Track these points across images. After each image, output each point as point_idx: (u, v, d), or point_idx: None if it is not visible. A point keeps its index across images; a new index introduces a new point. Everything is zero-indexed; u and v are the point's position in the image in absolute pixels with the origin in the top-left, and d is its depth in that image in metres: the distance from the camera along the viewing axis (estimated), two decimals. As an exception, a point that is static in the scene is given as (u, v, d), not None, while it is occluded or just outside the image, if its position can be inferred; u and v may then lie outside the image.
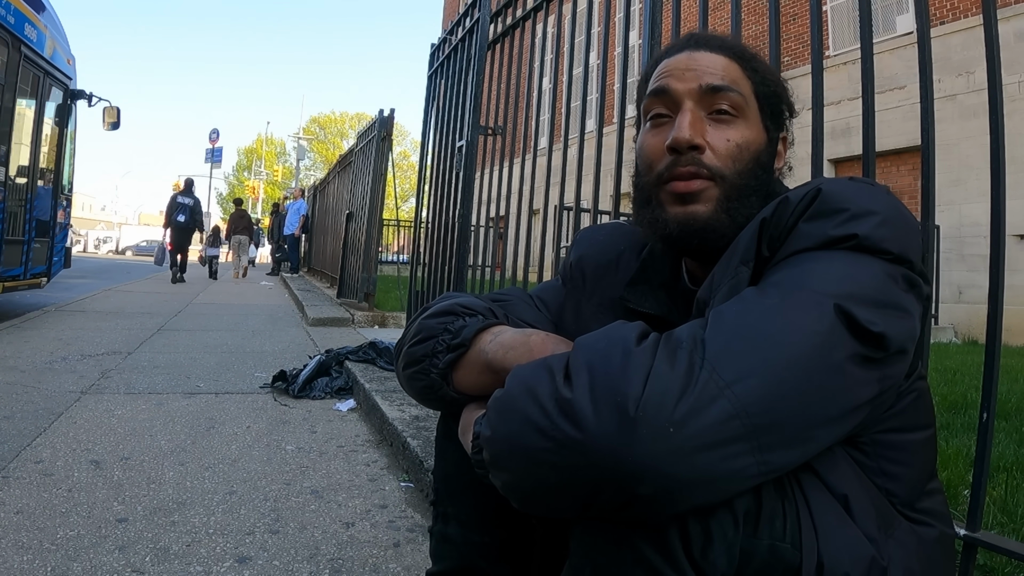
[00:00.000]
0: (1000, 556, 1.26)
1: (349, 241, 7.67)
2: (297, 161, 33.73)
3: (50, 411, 2.71)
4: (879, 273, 0.64)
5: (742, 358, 0.56)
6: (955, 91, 7.47)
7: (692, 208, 0.79)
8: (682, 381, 0.55)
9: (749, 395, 0.55)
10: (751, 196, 0.79)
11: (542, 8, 2.62)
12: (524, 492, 0.60)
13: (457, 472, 0.90)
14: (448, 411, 0.89)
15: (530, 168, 2.63)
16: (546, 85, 3.14)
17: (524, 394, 0.59)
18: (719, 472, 0.54)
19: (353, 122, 41.85)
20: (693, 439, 0.53)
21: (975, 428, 1.19)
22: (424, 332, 0.86)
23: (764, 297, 0.62)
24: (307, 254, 13.79)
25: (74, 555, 1.53)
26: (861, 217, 0.66)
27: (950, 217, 7.33)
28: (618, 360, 0.57)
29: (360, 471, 2.25)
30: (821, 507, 0.64)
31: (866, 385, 0.61)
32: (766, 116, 0.84)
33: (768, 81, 0.84)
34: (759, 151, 0.81)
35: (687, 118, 0.79)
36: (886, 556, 0.64)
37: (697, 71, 0.81)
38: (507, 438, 0.59)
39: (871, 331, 0.60)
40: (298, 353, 4.48)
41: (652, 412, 0.53)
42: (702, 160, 0.79)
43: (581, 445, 0.55)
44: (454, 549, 0.91)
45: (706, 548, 0.59)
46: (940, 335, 6.96)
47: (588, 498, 0.57)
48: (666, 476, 0.53)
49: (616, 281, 0.94)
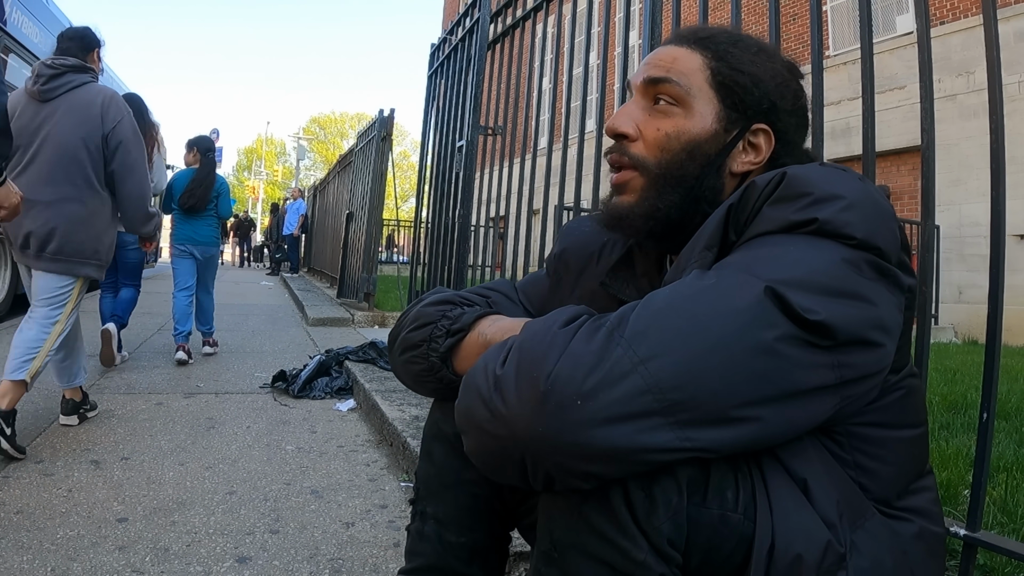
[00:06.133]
0: (1000, 556, 1.26)
1: (349, 241, 7.67)
2: (297, 161, 33.77)
3: (50, 411, 2.70)
4: (836, 260, 0.62)
5: (660, 335, 0.57)
6: (955, 91, 7.47)
7: (617, 199, 0.83)
8: (595, 357, 0.57)
9: (663, 371, 0.56)
10: (678, 187, 0.79)
11: (542, 8, 2.62)
12: (479, 459, 0.64)
13: (440, 473, 0.92)
14: (443, 396, 0.91)
15: (530, 168, 2.63)
16: (546, 85, 3.14)
17: (481, 369, 0.64)
18: (635, 444, 0.56)
19: (353, 122, 41.88)
20: (602, 411, 0.55)
21: (975, 428, 1.19)
22: (423, 319, 0.87)
23: (700, 279, 0.62)
24: (307, 254, 13.79)
25: (74, 555, 1.53)
26: (824, 201, 0.64)
27: (950, 217, 7.33)
28: (542, 339, 0.60)
29: (360, 471, 2.25)
30: (778, 487, 0.64)
31: (813, 370, 0.59)
32: (726, 106, 0.80)
33: (740, 71, 0.80)
34: (696, 141, 0.80)
35: (625, 107, 0.83)
36: (845, 543, 0.64)
37: (649, 64, 0.83)
38: (465, 408, 0.64)
39: (807, 319, 0.58)
40: (298, 353, 4.48)
41: (561, 385, 0.56)
42: (628, 149, 0.81)
43: (504, 418, 0.59)
44: (429, 547, 0.92)
45: (651, 513, 0.60)
46: (940, 335, 6.95)
47: (521, 467, 0.60)
48: (576, 445, 0.56)
49: (598, 272, 0.94)
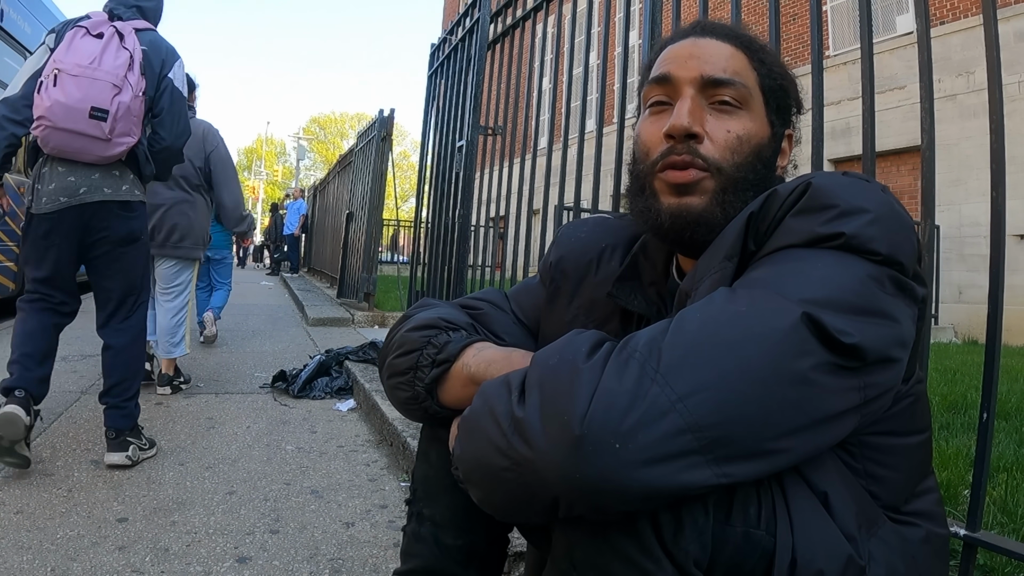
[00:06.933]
0: (1000, 556, 1.26)
1: (349, 241, 7.67)
2: (297, 161, 33.78)
3: (50, 411, 2.71)
4: (863, 276, 0.61)
5: (697, 370, 0.55)
6: (955, 91, 7.47)
7: (686, 200, 0.77)
8: (629, 396, 0.54)
9: (701, 408, 0.54)
10: (748, 191, 0.77)
11: (542, 8, 2.62)
12: (495, 506, 0.63)
13: (437, 475, 0.90)
14: (429, 424, 0.91)
15: (530, 168, 2.63)
16: (546, 85, 3.14)
17: (486, 413, 0.61)
18: (674, 484, 0.54)
19: (353, 122, 41.86)
20: (641, 452, 0.53)
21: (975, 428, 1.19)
22: (407, 345, 0.86)
23: (732, 302, 0.60)
24: (307, 254, 13.79)
25: (74, 555, 1.53)
26: (851, 214, 0.63)
27: (950, 217, 7.33)
28: (566, 377, 0.57)
29: (360, 471, 2.25)
30: (799, 502, 0.63)
31: (842, 394, 0.59)
32: (771, 110, 0.81)
33: (775, 74, 0.81)
34: (760, 145, 0.79)
35: (686, 105, 0.77)
36: (865, 556, 0.63)
37: (700, 59, 0.79)
38: (473, 457, 0.62)
39: (843, 343, 0.57)
40: (298, 353, 4.48)
41: (597, 428, 0.53)
42: (699, 150, 0.76)
43: (533, 464, 0.56)
44: (425, 549, 0.91)
45: (677, 535, 0.59)
46: (940, 335, 6.95)
47: (551, 510, 0.58)
48: (616, 489, 0.54)
49: (597, 281, 0.92)
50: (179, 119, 2.25)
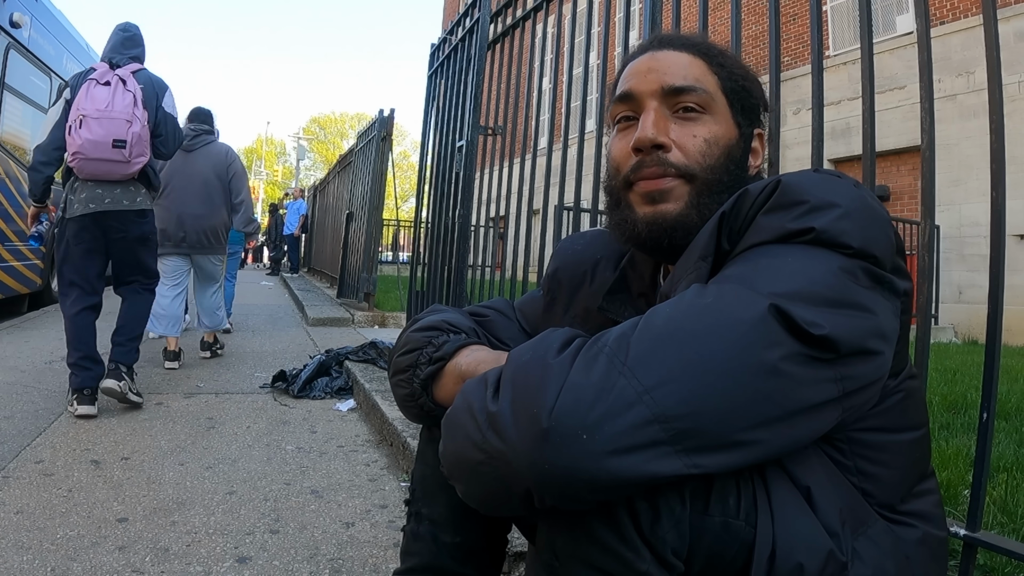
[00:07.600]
0: (1000, 556, 1.26)
1: (349, 241, 7.67)
2: (297, 161, 33.79)
3: (50, 411, 2.71)
4: (834, 269, 0.62)
5: (663, 361, 0.56)
6: (955, 91, 7.47)
7: (661, 207, 0.79)
8: (596, 389, 0.56)
9: (668, 399, 0.55)
10: (722, 192, 0.78)
11: (542, 8, 2.62)
12: (476, 499, 0.64)
13: (434, 474, 0.92)
14: (426, 422, 0.93)
15: (530, 168, 2.63)
16: (546, 85, 3.14)
17: (464, 410, 0.63)
18: (643, 473, 0.55)
19: (353, 122, 41.86)
20: (608, 443, 0.54)
21: (975, 428, 1.19)
22: (410, 344, 0.89)
23: (701, 296, 0.61)
24: (307, 254, 13.79)
25: (74, 555, 1.54)
26: (820, 209, 0.64)
27: (950, 217, 7.33)
28: (537, 372, 0.59)
29: (360, 471, 2.25)
30: (781, 495, 0.63)
31: (817, 386, 0.59)
32: (736, 111, 0.82)
33: (736, 76, 0.83)
34: (730, 146, 0.81)
35: (650, 118, 0.79)
36: (847, 552, 0.63)
37: (659, 71, 0.81)
38: (453, 452, 0.63)
39: (812, 334, 0.58)
40: (298, 353, 4.49)
41: (565, 420, 0.55)
42: (668, 159, 0.78)
43: (505, 456, 0.58)
44: (424, 548, 0.93)
45: (655, 524, 0.60)
46: (940, 335, 6.95)
47: (526, 501, 0.59)
48: (584, 478, 0.55)
49: (591, 292, 0.94)
50: (174, 137, 2.95)
